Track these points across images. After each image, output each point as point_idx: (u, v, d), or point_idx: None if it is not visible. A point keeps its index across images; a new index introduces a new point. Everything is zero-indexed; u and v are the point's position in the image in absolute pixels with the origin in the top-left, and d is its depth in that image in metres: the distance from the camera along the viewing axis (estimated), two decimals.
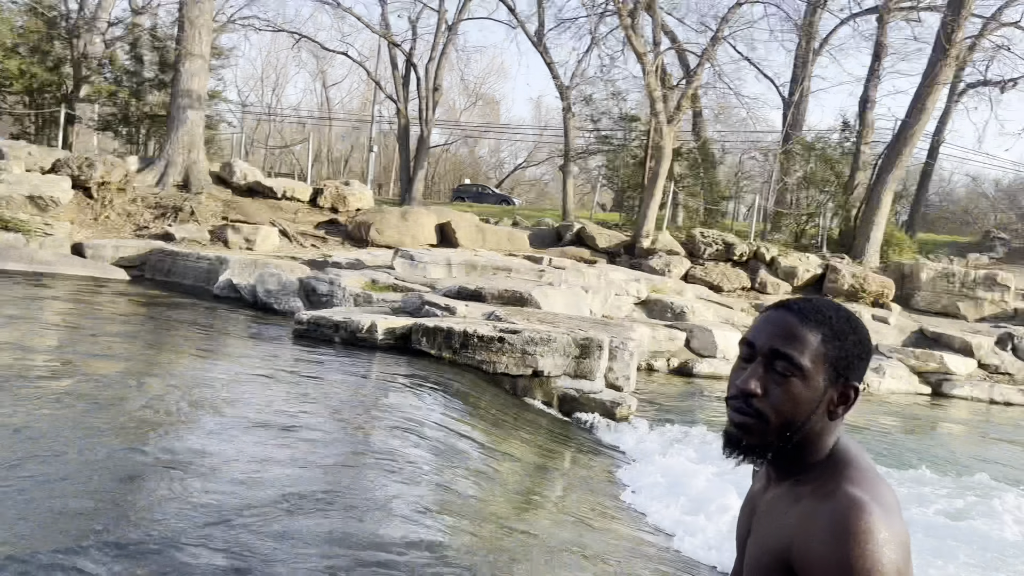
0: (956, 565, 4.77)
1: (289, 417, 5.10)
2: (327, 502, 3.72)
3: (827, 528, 1.13)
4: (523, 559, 3.59)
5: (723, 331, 12.26)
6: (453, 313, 8.85)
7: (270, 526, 3.31)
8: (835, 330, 1.24)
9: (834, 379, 1.24)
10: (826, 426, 1.25)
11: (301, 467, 4.15)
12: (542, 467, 5.81)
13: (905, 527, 1.16)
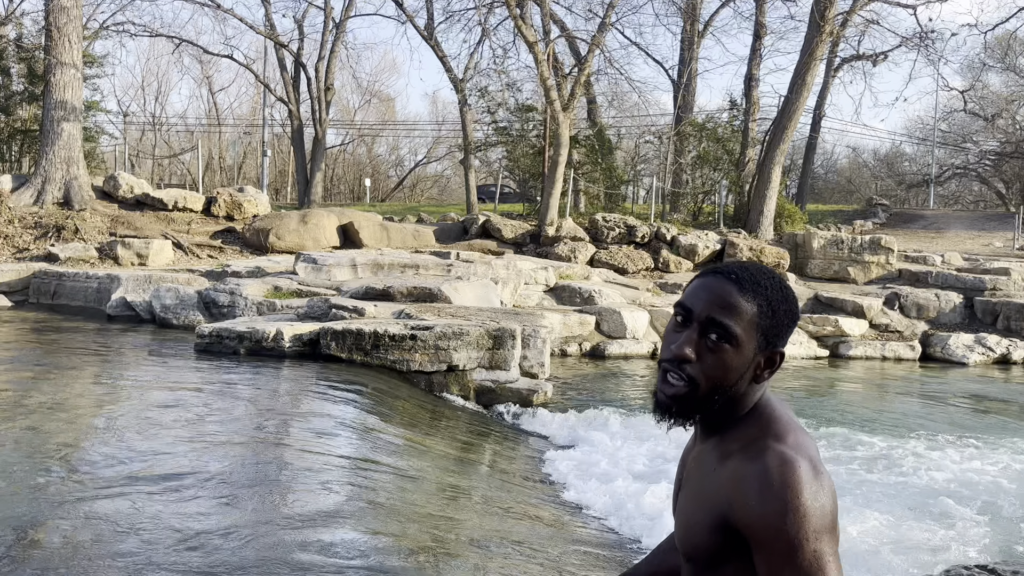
0: (881, 512, 4.98)
1: (196, 434, 4.88)
2: (241, 517, 3.57)
3: (761, 486, 1.17)
4: (450, 554, 3.53)
5: (631, 312, 12.48)
6: (362, 314, 8.68)
7: (182, 552, 3.15)
8: (771, 302, 1.27)
9: (763, 347, 1.27)
10: (751, 388, 1.29)
11: (214, 483, 3.97)
12: (464, 460, 5.76)
13: (830, 477, 1.21)
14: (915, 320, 14.82)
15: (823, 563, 1.14)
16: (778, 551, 1.15)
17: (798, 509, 1.14)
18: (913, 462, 6.54)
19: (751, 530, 1.18)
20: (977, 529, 4.78)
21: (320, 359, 7.64)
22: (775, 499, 1.15)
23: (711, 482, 1.27)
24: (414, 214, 21.61)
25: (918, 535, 4.53)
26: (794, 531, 1.14)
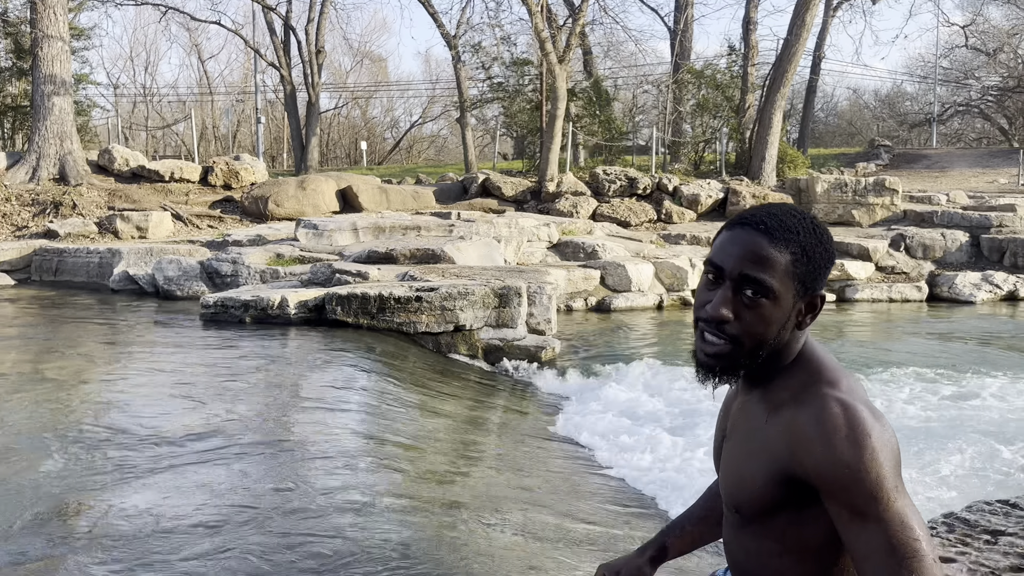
0: None
1: (211, 404, 4.88)
2: (258, 479, 3.57)
3: (827, 432, 1.14)
4: (464, 511, 3.53)
5: (635, 265, 12.42)
6: (366, 278, 8.64)
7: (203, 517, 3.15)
8: (804, 247, 1.22)
9: (802, 293, 1.23)
10: (795, 335, 1.26)
11: (230, 452, 3.97)
12: (475, 419, 5.77)
13: (880, 411, 1.20)
14: (921, 261, 14.74)
15: (904, 499, 1.13)
16: (858, 493, 1.12)
17: (873, 450, 1.12)
18: (929, 398, 6.54)
19: (823, 478, 1.15)
20: (999, 464, 4.77)
21: (326, 324, 7.62)
22: (847, 443, 1.13)
23: (763, 434, 1.23)
24: (412, 176, 21.44)
25: (941, 470, 4.52)
26: (873, 472, 1.12)
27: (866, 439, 1.13)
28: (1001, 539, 2.11)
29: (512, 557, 3.12)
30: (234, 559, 2.87)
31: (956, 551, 2.06)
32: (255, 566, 2.82)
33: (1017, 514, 2.30)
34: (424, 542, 3.12)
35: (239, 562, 2.85)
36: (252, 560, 2.86)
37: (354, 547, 2.99)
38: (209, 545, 2.97)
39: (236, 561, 2.86)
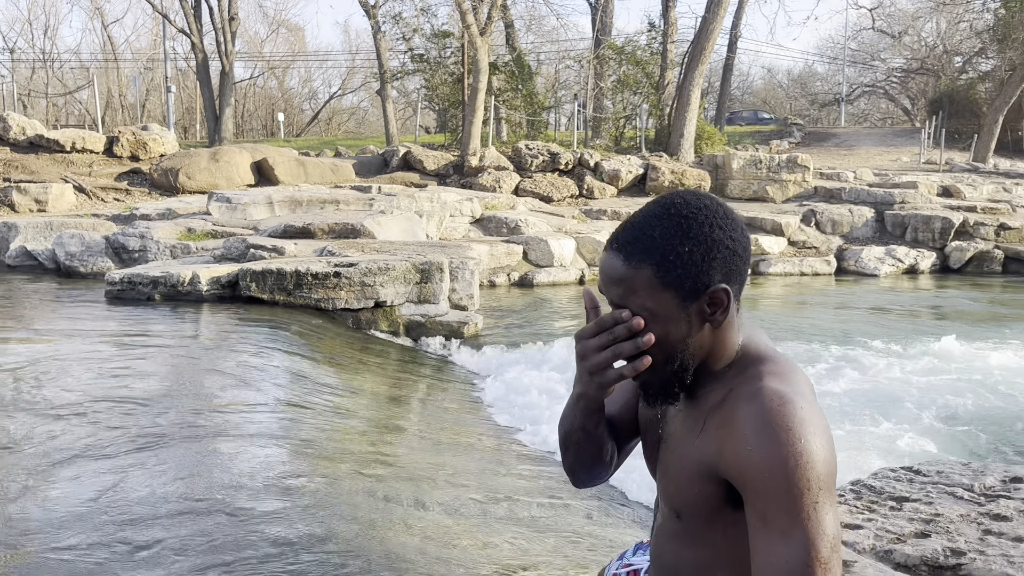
0: None
1: (116, 386, 4.66)
2: (171, 464, 3.42)
3: (757, 428, 1.04)
4: (384, 491, 3.48)
5: (558, 240, 12.48)
6: (282, 253, 8.41)
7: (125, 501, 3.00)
8: (665, 254, 1.10)
9: (689, 297, 1.11)
10: (717, 336, 1.15)
11: (138, 436, 3.79)
12: (396, 397, 5.69)
13: (826, 419, 1.10)
14: (830, 236, 15.29)
15: (821, 516, 1.01)
16: (774, 500, 1.01)
17: (800, 454, 1.01)
18: (835, 370, 6.78)
19: (745, 477, 1.05)
20: (901, 432, 4.99)
21: (240, 301, 7.38)
22: (773, 442, 1.02)
23: (702, 432, 1.14)
24: (331, 148, 20.95)
25: (847, 441, 4.70)
26: (794, 478, 1.00)
27: (796, 440, 1.02)
28: (906, 505, 2.19)
29: (434, 537, 3.09)
30: (143, 549, 2.74)
31: (863, 518, 2.12)
32: (165, 555, 2.70)
33: (920, 480, 2.39)
34: (344, 524, 3.05)
35: (149, 552, 2.73)
36: (162, 550, 2.74)
37: (270, 532, 2.90)
38: (112, 535, 2.83)
39: (146, 552, 2.74)
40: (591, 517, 3.81)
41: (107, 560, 2.67)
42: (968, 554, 1.87)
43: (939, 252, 14.77)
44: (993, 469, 2.45)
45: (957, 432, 5.17)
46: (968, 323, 9.61)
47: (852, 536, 2.01)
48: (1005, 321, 9.80)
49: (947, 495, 2.25)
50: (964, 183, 17.62)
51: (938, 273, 14.50)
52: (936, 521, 2.07)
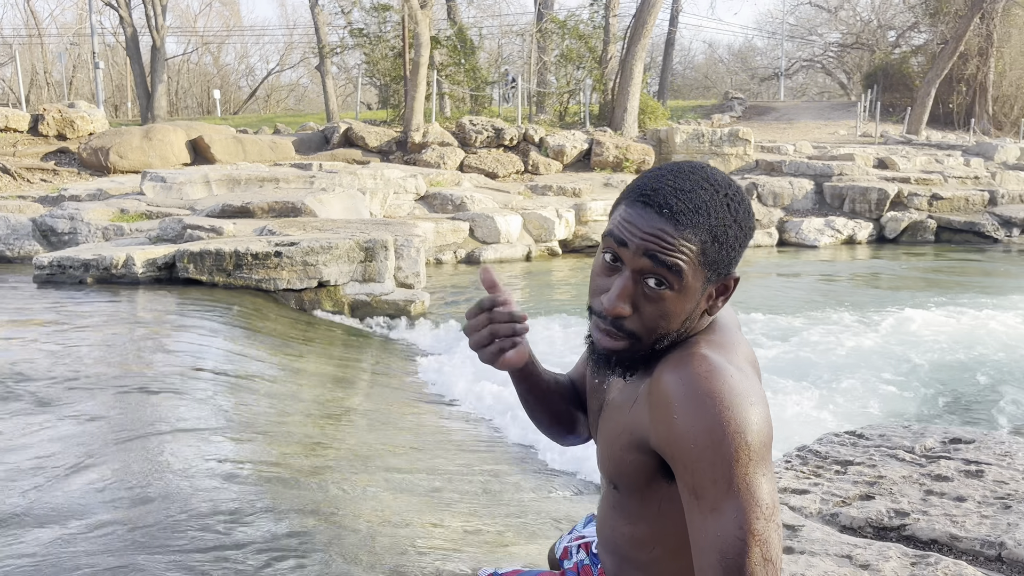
0: None
1: (51, 374, 4.46)
2: (106, 451, 3.29)
3: (685, 398, 0.99)
4: (331, 472, 3.41)
5: (504, 216, 12.42)
6: (220, 234, 8.18)
7: (53, 491, 2.87)
8: (715, 229, 1.03)
9: (714, 279, 1.07)
10: (702, 320, 1.11)
11: (74, 425, 3.64)
12: (341, 377, 5.59)
13: (763, 389, 1.05)
14: (772, 208, 15.54)
15: (754, 487, 0.95)
16: (703, 472, 0.96)
17: (727, 422, 0.96)
18: (778, 339, 6.90)
19: (672, 449, 0.99)
20: (844, 398, 5.09)
21: (179, 283, 7.17)
22: (699, 412, 0.97)
23: (633, 398, 1.10)
24: (270, 126, 20.45)
25: (791, 408, 4.78)
26: (722, 449, 0.95)
27: (725, 409, 0.96)
28: (850, 468, 2.21)
29: (384, 516, 3.03)
30: (81, 542, 2.63)
31: (810, 483, 2.14)
32: (99, 543, 2.59)
33: (864, 444, 2.41)
34: (291, 508, 2.97)
35: (87, 543, 2.62)
36: (96, 537, 2.63)
37: (213, 521, 2.81)
38: (46, 534, 2.71)
39: (84, 543, 2.62)
40: (538, 492, 3.80)
41: (44, 547, 2.55)
42: (912, 515, 1.90)
43: (876, 223, 15.14)
44: (933, 431, 2.50)
45: (898, 395, 5.30)
46: (905, 290, 9.88)
47: (799, 501, 2.02)
48: (939, 288, 10.11)
49: (890, 458, 2.28)
50: (898, 155, 18.07)
51: (875, 243, 14.89)
52: (880, 483, 2.10)
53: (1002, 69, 25.56)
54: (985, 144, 20.00)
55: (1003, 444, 2.32)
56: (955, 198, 15.51)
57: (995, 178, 17.32)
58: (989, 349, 6.57)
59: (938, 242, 14.89)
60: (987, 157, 18.84)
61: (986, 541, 1.77)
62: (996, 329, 7.27)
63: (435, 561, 2.70)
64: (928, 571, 1.63)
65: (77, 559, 2.53)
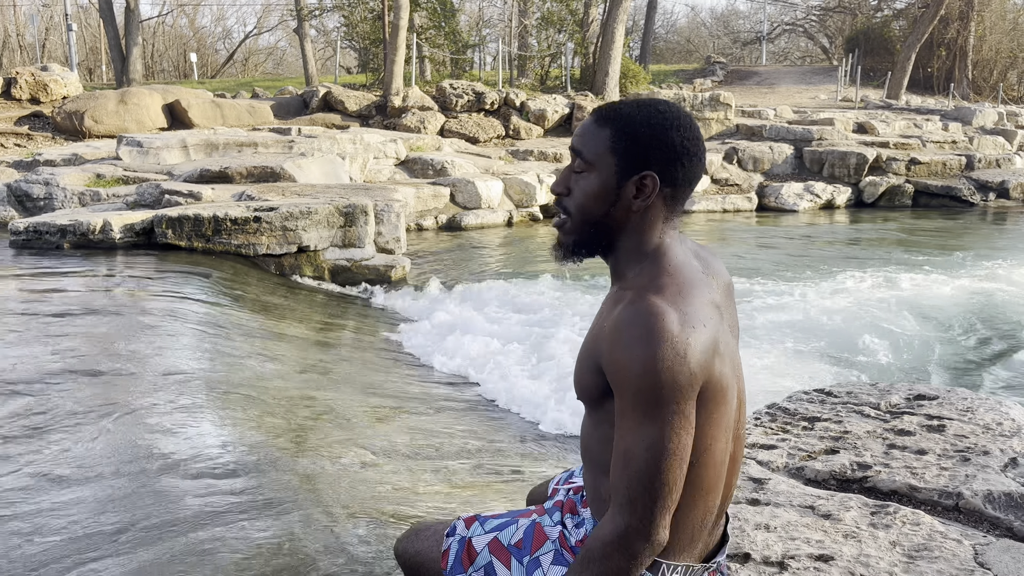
0: None
1: (29, 342, 4.46)
2: (89, 417, 3.31)
3: (626, 334, 1.14)
4: (315, 434, 3.45)
5: (485, 181, 12.38)
6: (199, 199, 8.12)
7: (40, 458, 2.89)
8: (626, 124, 1.24)
9: (626, 171, 1.24)
10: (635, 222, 1.26)
11: (55, 397, 3.65)
12: (323, 343, 5.62)
13: (710, 334, 1.16)
14: (752, 173, 15.60)
15: (667, 424, 1.10)
16: (628, 401, 1.12)
17: (654, 363, 1.09)
18: (757, 301, 6.99)
19: (610, 374, 1.16)
20: (818, 357, 5.20)
21: (157, 249, 7.12)
22: (634, 348, 1.12)
23: (599, 328, 1.24)
24: (248, 90, 20.17)
25: (767, 367, 4.86)
26: (646, 385, 1.10)
27: (653, 349, 1.10)
28: (817, 424, 2.28)
29: (367, 479, 3.08)
30: (62, 518, 2.66)
31: (777, 438, 2.20)
32: (82, 515, 2.63)
33: (831, 401, 2.48)
34: (275, 472, 3.01)
35: (66, 520, 2.65)
36: (80, 507, 2.66)
37: (196, 485, 2.85)
38: (29, 506, 2.73)
39: (62, 519, 2.66)
40: (522, 452, 3.87)
41: (26, 525, 2.58)
42: (874, 467, 1.97)
43: (854, 187, 15.25)
44: (898, 388, 2.57)
45: (868, 355, 5.41)
46: (880, 253, 10.01)
47: (766, 456, 2.08)
48: (916, 251, 10.24)
49: (856, 414, 2.35)
50: (878, 119, 18.14)
51: (853, 207, 15.01)
52: (845, 438, 2.16)
53: (982, 33, 25.61)
54: (964, 109, 20.11)
55: (965, 400, 2.39)
56: (933, 163, 15.63)
57: (972, 143, 17.45)
58: (963, 310, 6.70)
59: (915, 207, 15.03)
60: (965, 122, 18.96)
61: (944, 491, 1.84)
62: (970, 290, 7.41)
63: (417, 515, 2.76)
64: (887, 519, 1.70)
65: (58, 531, 2.57)
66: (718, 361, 1.17)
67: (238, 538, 2.48)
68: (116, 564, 2.34)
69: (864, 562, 1.52)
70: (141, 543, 2.44)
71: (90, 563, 2.34)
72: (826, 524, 1.68)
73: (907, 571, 1.49)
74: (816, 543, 1.60)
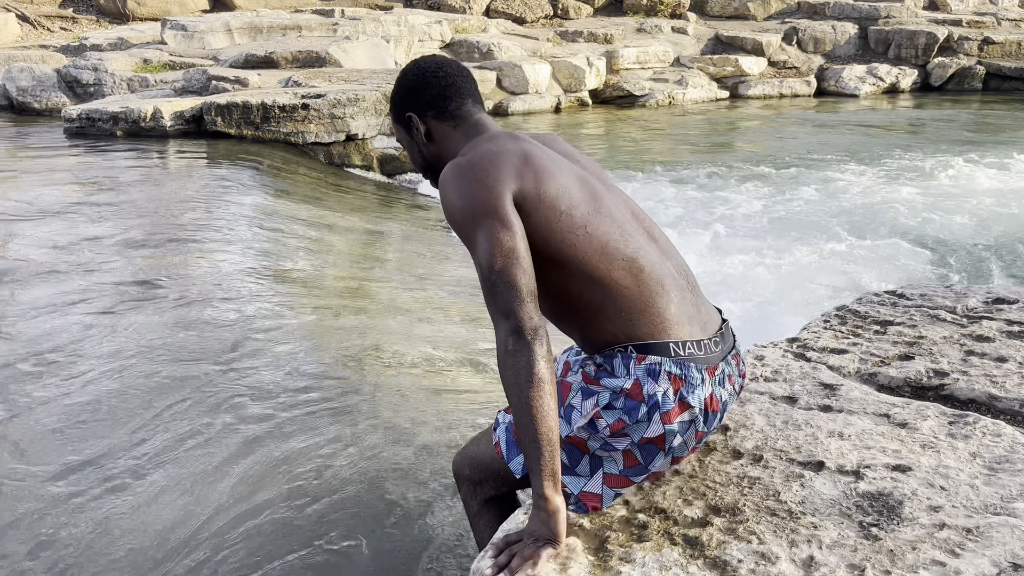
0: (803, 244, 5.20)
1: (90, 223, 4.55)
2: (152, 297, 3.40)
3: (441, 188, 1.42)
4: (369, 326, 3.50)
5: (532, 65, 12.01)
6: (245, 85, 8.03)
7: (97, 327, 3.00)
8: (388, 93, 1.73)
9: (405, 125, 1.61)
10: (438, 144, 1.59)
11: (116, 267, 3.74)
12: (374, 231, 5.64)
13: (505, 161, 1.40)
14: (812, 55, 14.86)
15: (486, 234, 1.32)
16: (463, 238, 1.37)
17: (452, 203, 1.38)
18: (813, 192, 6.79)
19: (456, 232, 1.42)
20: (884, 255, 5.05)
21: (207, 137, 7.12)
22: (444, 196, 1.40)
23: None
24: None
25: (828, 265, 4.76)
26: (460, 217, 1.36)
27: (449, 193, 1.38)
28: (890, 329, 2.22)
29: (423, 368, 3.14)
30: (133, 397, 2.77)
31: (848, 342, 2.16)
32: (152, 395, 2.73)
33: (904, 304, 2.41)
34: (333, 361, 3.08)
35: (137, 399, 2.75)
36: (149, 387, 2.76)
37: (257, 373, 2.93)
38: (99, 387, 2.84)
39: (135, 399, 2.76)
40: None
41: (105, 377, 2.69)
42: (951, 375, 1.92)
43: (921, 69, 14.47)
44: (975, 291, 2.48)
45: (941, 254, 5.24)
46: (948, 142, 9.57)
47: (837, 360, 2.05)
48: (986, 140, 9.77)
49: (930, 318, 2.28)
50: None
51: (918, 91, 14.29)
52: (919, 344, 2.11)
53: None
54: None
55: None
56: (1008, 43, 14.69)
57: None
58: None
59: (986, 90, 14.25)
60: None
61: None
62: None
63: (471, 405, 2.81)
64: (966, 430, 1.67)
65: (132, 407, 2.67)
66: (530, 176, 1.38)
67: (300, 431, 2.56)
68: (171, 436, 2.43)
69: (943, 473, 1.50)
70: (191, 423, 2.53)
71: (152, 433, 2.44)
72: (902, 433, 1.66)
73: (988, 483, 1.47)
74: (892, 452, 1.58)
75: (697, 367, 1.39)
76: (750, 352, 2.15)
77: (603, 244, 1.40)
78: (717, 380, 1.43)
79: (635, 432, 1.38)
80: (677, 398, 1.37)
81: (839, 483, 1.50)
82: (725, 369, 1.46)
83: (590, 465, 1.42)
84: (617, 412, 1.38)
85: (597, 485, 1.42)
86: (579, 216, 1.40)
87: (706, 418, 1.42)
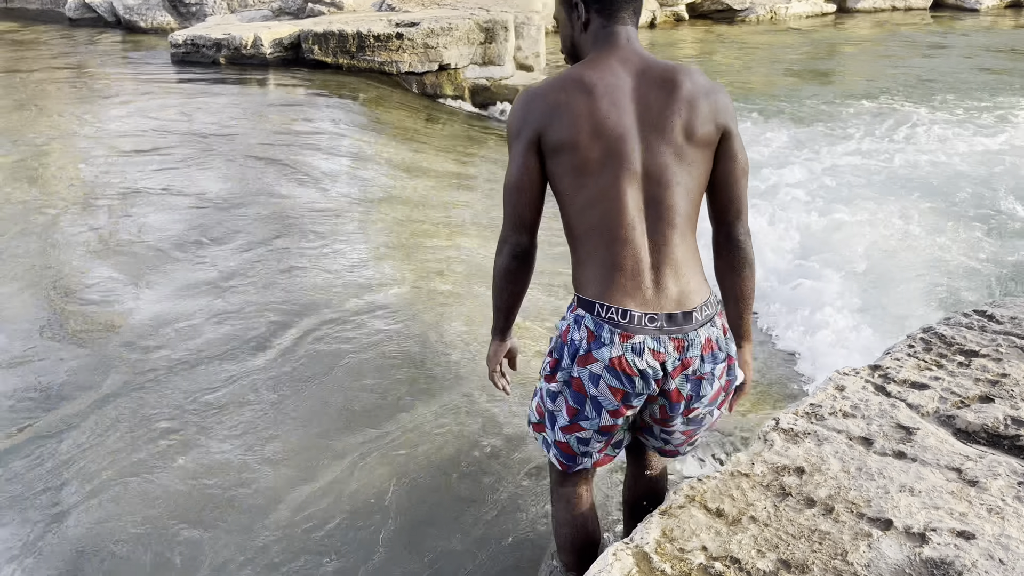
0: (897, 208, 5.04)
1: (192, 159, 4.82)
2: (254, 246, 3.66)
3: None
4: (453, 275, 3.68)
5: None
6: (340, 8, 8.10)
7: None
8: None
9: (570, 8, 1.72)
10: (581, 40, 1.72)
11: (220, 191, 4.01)
12: (462, 175, 5.75)
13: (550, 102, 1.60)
14: None
15: (510, 160, 1.65)
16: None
17: (507, 121, 1.68)
18: (903, 136, 6.47)
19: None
20: (978, 230, 4.63)
21: (305, 65, 7.28)
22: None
23: None
24: None
25: (914, 250, 4.37)
26: (506, 137, 1.68)
27: (510, 114, 1.68)
28: (974, 361, 2.26)
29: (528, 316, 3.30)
30: (238, 320, 3.04)
31: (931, 375, 2.21)
32: (246, 314, 2.99)
33: (992, 329, 2.43)
34: (412, 304, 3.28)
35: (243, 322, 3.02)
36: (262, 315, 3.03)
37: (354, 307, 3.16)
38: (216, 308, 3.12)
39: (241, 322, 3.03)
40: None
41: (210, 283, 2.97)
42: None
43: None
44: None
45: None
46: None
47: (917, 398, 2.12)
48: None
49: (1018, 350, 2.30)
50: None
51: None
52: (1002, 383, 2.15)
53: None
54: None
55: None
56: None
57: None
58: None
59: None
60: None
61: None
62: None
63: None
64: None
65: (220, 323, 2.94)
66: (557, 123, 1.58)
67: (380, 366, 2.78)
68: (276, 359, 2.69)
69: (1004, 544, 1.60)
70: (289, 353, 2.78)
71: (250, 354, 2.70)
72: (971, 493, 1.75)
73: None
74: (959, 516, 1.68)
75: (610, 329, 1.59)
76: (831, 380, 2.24)
77: (592, 209, 1.61)
78: (631, 347, 1.59)
79: (562, 373, 1.67)
80: (588, 348, 1.61)
81: (904, 547, 1.62)
82: (650, 343, 1.60)
83: (549, 422, 1.76)
84: (555, 351, 1.70)
85: (560, 434, 1.73)
86: (582, 176, 1.61)
87: (633, 384, 1.61)
